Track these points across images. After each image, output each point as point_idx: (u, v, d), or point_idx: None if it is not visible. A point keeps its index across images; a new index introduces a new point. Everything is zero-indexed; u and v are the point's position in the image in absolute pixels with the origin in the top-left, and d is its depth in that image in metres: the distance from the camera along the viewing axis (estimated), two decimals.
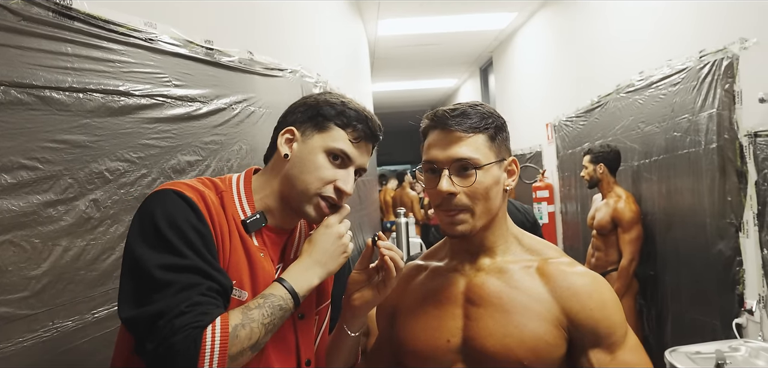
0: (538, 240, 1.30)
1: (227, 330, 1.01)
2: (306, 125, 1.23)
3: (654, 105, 3.67)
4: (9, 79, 1.25)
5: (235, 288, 1.14)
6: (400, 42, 7.66)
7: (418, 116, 1.30)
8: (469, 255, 1.27)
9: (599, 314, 1.17)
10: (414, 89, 11.28)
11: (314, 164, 1.20)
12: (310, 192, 1.20)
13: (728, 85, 2.92)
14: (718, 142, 3.02)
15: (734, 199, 2.93)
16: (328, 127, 1.22)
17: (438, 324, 1.24)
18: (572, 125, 5.15)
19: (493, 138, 1.22)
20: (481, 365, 1.20)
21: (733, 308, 2.99)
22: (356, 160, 1.24)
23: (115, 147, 1.56)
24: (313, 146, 1.21)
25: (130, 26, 1.66)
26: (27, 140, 1.29)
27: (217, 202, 1.17)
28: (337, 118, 1.22)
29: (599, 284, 1.20)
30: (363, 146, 1.25)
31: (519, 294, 1.19)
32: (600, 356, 1.18)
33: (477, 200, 1.19)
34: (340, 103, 1.24)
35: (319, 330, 1.33)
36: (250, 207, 1.22)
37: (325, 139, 1.21)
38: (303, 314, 1.26)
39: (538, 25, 6.36)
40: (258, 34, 2.74)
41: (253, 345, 1.05)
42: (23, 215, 1.27)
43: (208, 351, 0.98)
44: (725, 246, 3.04)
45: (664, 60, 3.53)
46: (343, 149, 1.21)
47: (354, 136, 1.22)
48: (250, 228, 1.19)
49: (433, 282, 1.30)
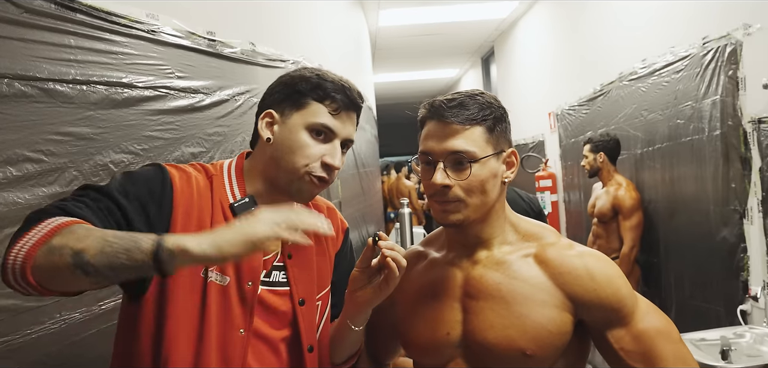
0: (535, 224, 1.28)
1: (62, 227, 0.92)
2: (284, 105, 1.22)
3: (657, 92, 3.66)
4: (13, 71, 1.25)
5: (216, 272, 1.14)
6: (401, 32, 7.63)
7: (420, 107, 1.29)
8: (465, 248, 1.25)
9: (604, 291, 1.16)
10: (415, 80, 11.25)
11: (297, 143, 1.19)
12: (299, 171, 1.18)
13: (732, 71, 2.90)
14: (721, 129, 3.01)
15: (738, 186, 2.93)
16: (305, 103, 1.20)
17: (436, 316, 1.24)
18: (575, 114, 5.14)
19: (492, 129, 1.19)
20: (482, 358, 1.19)
21: (738, 295, 2.98)
22: (340, 131, 1.21)
23: (120, 139, 1.56)
24: (294, 125, 1.20)
25: (132, 18, 1.65)
26: (31, 133, 1.29)
27: (204, 186, 1.18)
28: (314, 91, 1.20)
29: (599, 261, 1.19)
30: (345, 116, 1.22)
31: (519, 285, 1.18)
32: (617, 334, 1.17)
33: (472, 193, 1.17)
34: (315, 77, 1.21)
35: (321, 317, 1.33)
36: (240, 190, 1.22)
37: (304, 115, 1.20)
38: (303, 300, 1.26)
39: (539, 13, 6.34)
40: (260, 26, 2.73)
41: (77, 251, 0.88)
42: (29, 207, 1.26)
43: (29, 234, 0.91)
44: (729, 233, 3.03)
45: (667, 47, 3.52)
46: (325, 123, 1.19)
47: (333, 107, 1.20)
48: (238, 211, 1.18)
49: (431, 274, 1.29)
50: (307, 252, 1.29)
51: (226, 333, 1.15)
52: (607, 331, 1.18)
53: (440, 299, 1.24)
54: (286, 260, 1.26)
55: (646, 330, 1.17)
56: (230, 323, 1.15)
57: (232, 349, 1.15)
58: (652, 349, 1.16)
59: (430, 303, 1.25)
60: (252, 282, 1.19)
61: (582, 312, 1.17)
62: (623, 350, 1.17)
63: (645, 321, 1.18)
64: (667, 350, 1.16)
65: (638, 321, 1.17)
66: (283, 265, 1.26)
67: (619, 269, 1.21)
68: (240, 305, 1.17)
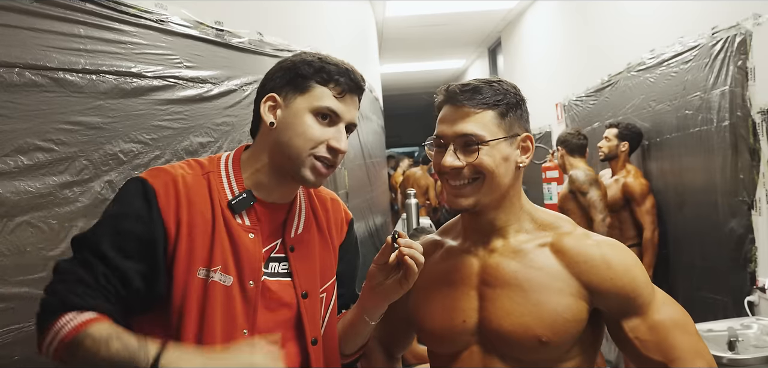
0: (551, 214, 1.30)
1: (80, 329, 1.02)
2: (286, 89, 1.20)
3: (665, 83, 3.64)
4: (23, 60, 1.26)
5: (219, 272, 1.13)
6: (407, 22, 7.61)
7: (426, 98, 1.30)
8: (481, 236, 1.26)
9: (621, 280, 1.16)
10: (422, 70, 11.23)
11: (302, 126, 1.17)
12: (303, 155, 1.17)
13: (741, 61, 2.89)
14: (730, 120, 3.00)
15: (747, 177, 2.92)
16: (309, 86, 1.18)
17: (453, 304, 1.25)
18: (582, 105, 5.11)
19: (504, 114, 1.20)
20: (498, 345, 1.21)
21: (745, 286, 2.98)
22: (345, 115, 1.20)
23: (129, 128, 1.57)
24: (298, 109, 1.18)
25: (141, 7, 1.66)
26: (42, 122, 1.30)
27: (198, 186, 1.16)
28: (317, 75, 1.19)
29: (616, 249, 1.20)
30: (349, 100, 1.21)
31: (536, 273, 1.19)
32: (633, 323, 1.18)
33: (481, 175, 1.18)
34: (317, 60, 1.20)
35: (326, 309, 1.32)
36: (238, 185, 1.20)
37: (309, 99, 1.18)
38: (306, 293, 1.25)
39: (547, 3, 6.30)
40: (267, 16, 2.73)
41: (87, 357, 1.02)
42: (40, 196, 1.28)
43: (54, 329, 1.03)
44: (737, 224, 3.02)
45: (676, 37, 3.49)
46: (330, 106, 1.18)
47: (338, 90, 1.19)
48: (236, 208, 1.18)
49: (447, 262, 1.30)
50: (309, 244, 1.28)
51: (230, 334, 1.14)
52: (623, 320, 1.18)
53: (456, 287, 1.25)
54: (288, 252, 1.25)
55: (662, 321, 1.17)
56: (234, 324, 1.14)
57: None
58: (668, 340, 1.16)
59: (446, 291, 1.26)
60: (254, 282, 1.17)
61: (598, 300, 1.18)
62: (638, 339, 1.18)
63: (661, 311, 1.18)
64: (683, 342, 1.16)
65: (654, 312, 1.18)
66: (283, 257, 1.25)
67: (636, 258, 1.21)
68: (243, 305, 1.16)
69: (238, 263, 1.16)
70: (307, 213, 1.31)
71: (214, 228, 1.15)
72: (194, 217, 1.14)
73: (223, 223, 1.16)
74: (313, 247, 1.29)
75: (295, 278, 1.24)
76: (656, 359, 1.17)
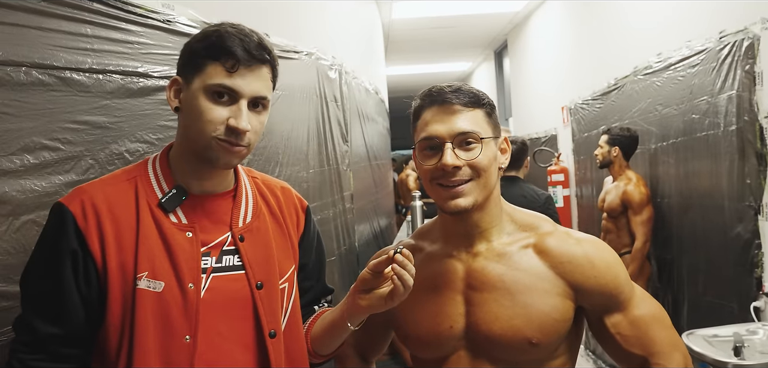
0: (530, 214, 1.30)
1: None
2: (186, 70, 1.14)
3: (672, 87, 3.63)
4: (30, 60, 1.26)
5: (147, 279, 1.09)
6: (414, 25, 7.62)
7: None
8: (463, 240, 1.25)
9: (604, 278, 1.19)
10: (428, 73, 11.23)
11: (199, 109, 1.10)
12: (206, 138, 1.11)
13: (749, 66, 2.87)
14: (737, 124, 2.98)
15: (753, 182, 2.90)
16: (202, 64, 1.11)
17: (438, 310, 1.24)
18: (588, 108, 5.10)
19: (489, 115, 1.22)
20: (487, 349, 1.21)
21: (751, 291, 2.96)
22: (243, 90, 1.11)
23: (135, 128, 1.58)
24: (195, 90, 1.11)
25: (148, 7, 1.66)
26: (48, 121, 1.30)
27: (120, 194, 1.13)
28: (207, 51, 1.11)
29: (597, 247, 1.23)
30: (247, 72, 1.11)
31: (522, 276, 1.20)
32: (615, 319, 1.22)
33: (479, 174, 1.18)
34: (213, 34, 1.12)
35: (289, 300, 1.26)
36: (167, 183, 1.16)
37: (203, 78, 1.11)
38: (261, 283, 1.19)
39: (553, 6, 6.29)
40: (274, 17, 2.74)
41: None
42: (46, 195, 1.28)
43: None
44: (744, 229, 3.01)
45: (683, 41, 3.48)
46: (222, 83, 1.10)
47: (230, 64, 1.10)
48: (168, 206, 1.14)
49: (429, 267, 1.28)
50: (262, 232, 1.23)
51: (167, 342, 1.09)
52: (606, 316, 1.22)
53: (441, 292, 1.25)
54: (238, 243, 1.19)
55: (643, 316, 1.21)
56: (170, 331, 1.10)
57: (178, 358, 1.10)
58: (648, 334, 1.21)
59: (431, 297, 1.25)
60: (193, 283, 1.12)
61: (582, 298, 1.20)
62: (620, 335, 1.21)
63: (641, 307, 1.22)
64: (662, 336, 1.22)
65: (635, 307, 1.22)
66: (235, 249, 1.19)
67: (616, 255, 1.25)
68: (182, 310, 1.10)
69: (175, 266, 1.11)
70: (256, 200, 1.26)
71: (139, 233, 1.10)
72: (120, 227, 1.10)
73: (153, 226, 1.12)
74: (266, 235, 1.24)
75: (248, 268, 1.18)
76: (637, 353, 1.21)
